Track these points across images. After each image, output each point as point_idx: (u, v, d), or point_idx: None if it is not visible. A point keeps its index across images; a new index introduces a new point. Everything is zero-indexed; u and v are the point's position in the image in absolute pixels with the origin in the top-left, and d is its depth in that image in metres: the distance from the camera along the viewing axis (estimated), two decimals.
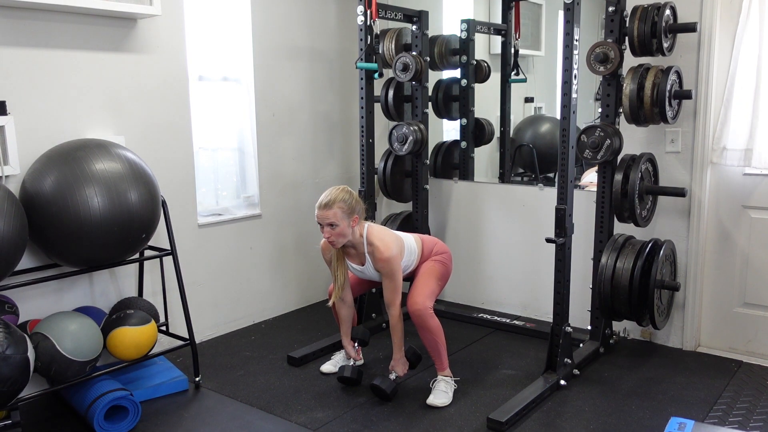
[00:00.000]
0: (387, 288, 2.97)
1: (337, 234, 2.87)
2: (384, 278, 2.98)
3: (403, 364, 3.04)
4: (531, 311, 4.03)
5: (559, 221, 3.01)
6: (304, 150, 4.21)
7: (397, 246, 2.98)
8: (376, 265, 2.97)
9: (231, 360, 3.44)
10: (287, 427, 2.76)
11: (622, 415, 2.81)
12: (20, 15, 2.80)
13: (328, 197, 2.87)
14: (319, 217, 2.88)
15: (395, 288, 2.95)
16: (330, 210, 2.85)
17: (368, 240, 2.96)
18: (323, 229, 2.89)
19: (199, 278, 3.65)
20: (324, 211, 2.86)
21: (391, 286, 2.95)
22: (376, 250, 2.93)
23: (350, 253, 3.05)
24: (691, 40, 3.25)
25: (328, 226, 2.86)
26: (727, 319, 3.46)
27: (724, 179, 3.37)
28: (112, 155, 2.73)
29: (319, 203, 2.88)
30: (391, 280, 2.95)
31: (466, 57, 4.21)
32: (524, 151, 4.48)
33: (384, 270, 2.95)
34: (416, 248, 3.11)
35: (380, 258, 2.92)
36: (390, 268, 2.93)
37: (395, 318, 2.97)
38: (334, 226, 2.85)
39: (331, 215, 2.84)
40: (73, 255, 2.69)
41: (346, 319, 3.24)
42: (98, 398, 2.64)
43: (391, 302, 2.96)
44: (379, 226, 3.11)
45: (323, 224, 2.87)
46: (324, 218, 2.86)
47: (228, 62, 3.83)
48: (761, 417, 2.76)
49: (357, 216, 2.91)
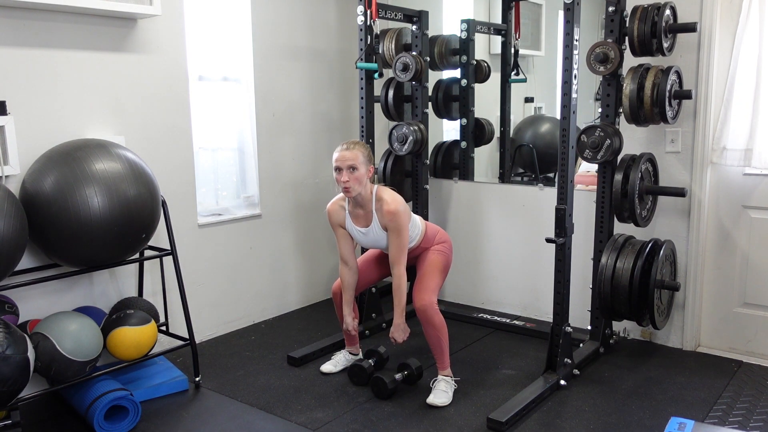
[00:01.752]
0: (393, 245, 2.94)
1: (355, 179, 2.85)
2: (390, 234, 2.94)
3: (403, 331, 2.97)
4: (531, 311, 4.03)
5: (559, 221, 3.01)
6: (304, 150, 4.21)
7: (404, 204, 2.96)
8: (383, 220, 2.93)
9: (231, 360, 3.44)
10: (287, 427, 2.76)
11: (622, 415, 2.81)
12: (20, 15, 2.80)
13: (349, 141, 2.91)
14: (341, 158, 2.85)
15: (401, 245, 2.93)
16: (353, 151, 2.85)
17: (378, 195, 2.95)
18: (342, 174, 2.86)
19: (199, 278, 3.65)
20: (347, 151, 2.85)
21: (397, 242, 2.93)
22: (384, 203, 2.91)
23: (357, 215, 3.02)
24: (691, 40, 3.25)
25: (348, 170, 2.85)
26: (727, 319, 3.46)
27: (724, 179, 3.37)
28: (112, 155, 2.73)
29: (341, 146, 2.89)
30: (398, 236, 2.92)
31: (466, 57, 4.21)
32: (524, 151, 4.48)
33: (391, 224, 2.91)
34: (420, 226, 3.09)
35: (388, 210, 2.90)
36: (397, 222, 2.90)
37: (399, 278, 2.94)
38: (354, 170, 2.84)
39: (354, 157, 2.84)
40: (73, 255, 2.69)
41: (350, 286, 3.12)
42: (98, 398, 2.64)
43: (396, 260, 2.94)
44: (388, 187, 3.09)
45: (343, 167, 2.85)
46: (346, 159, 2.84)
47: (228, 62, 3.83)
48: (761, 417, 2.76)
49: (372, 166, 2.93)
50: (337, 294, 3.19)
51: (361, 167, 2.86)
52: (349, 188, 2.87)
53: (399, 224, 2.91)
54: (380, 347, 3.25)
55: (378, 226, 2.97)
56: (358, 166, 2.85)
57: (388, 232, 2.96)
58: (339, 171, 2.87)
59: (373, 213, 2.96)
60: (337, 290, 3.19)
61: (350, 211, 3.03)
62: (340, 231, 3.09)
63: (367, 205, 2.97)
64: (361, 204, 2.97)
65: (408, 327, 3.00)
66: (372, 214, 2.97)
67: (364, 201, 2.96)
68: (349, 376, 3.15)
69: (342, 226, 3.08)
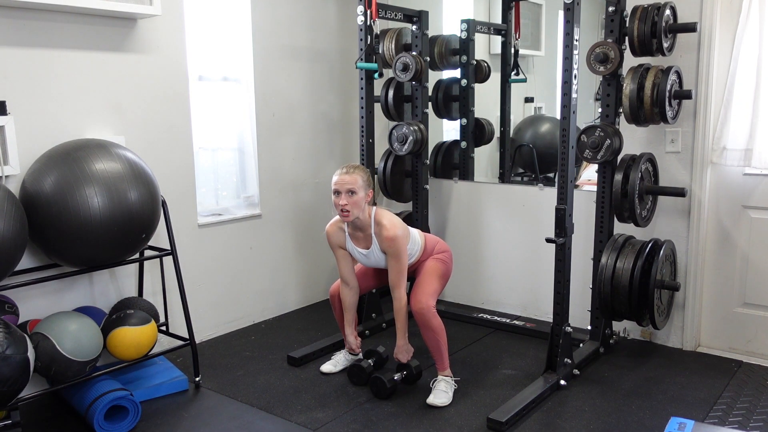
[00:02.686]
0: (392, 269, 2.96)
1: (354, 203, 2.86)
2: (390, 259, 2.96)
3: (406, 351, 3.03)
4: (531, 311, 4.03)
5: (559, 221, 3.01)
6: (304, 150, 4.21)
7: (403, 228, 2.98)
8: (382, 245, 2.96)
9: (231, 360, 3.44)
10: (287, 427, 2.76)
11: (622, 415, 2.81)
12: (20, 15, 2.80)
13: (349, 165, 2.93)
14: (340, 182, 2.87)
15: (400, 270, 2.95)
16: (352, 175, 2.87)
17: (376, 220, 2.96)
18: (340, 198, 2.87)
19: (199, 278, 3.65)
20: (346, 176, 2.87)
21: (397, 267, 2.95)
22: (383, 228, 2.92)
23: (357, 237, 3.04)
24: (691, 40, 3.25)
25: (346, 194, 2.86)
26: (727, 319, 3.46)
27: (724, 179, 3.37)
28: (112, 155, 2.73)
29: (340, 170, 2.90)
30: (397, 260, 2.94)
31: (466, 57, 4.21)
32: (524, 151, 4.48)
33: (390, 249, 2.94)
34: (420, 241, 3.11)
35: (387, 236, 2.91)
36: (396, 248, 2.92)
37: (399, 301, 2.96)
38: (353, 194, 2.86)
39: (353, 181, 2.86)
40: (73, 255, 2.69)
41: (351, 306, 3.18)
42: (98, 398, 2.64)
43: (396, 284, 2.96)
44: (386, 209, 3.10)
45: (342, 191, 2.86)
46: (345, 183, 2.86)
47: (228, 62, 3.83)
48: (761, 417, 2.76)
49: (371, 191, 2.95)
50: (335, 297, 3.22)
51: (360, 191, 2.87)
52: (348, 213, 2.89)
53: (398, 249, 2.93)
54: (380, 347, 3.26)
55: (378, 249, 3.00)
56: (357, 190, 2.86)
57: (387, 256, 2.98)
58: (338, 194, 2.88)
59: (373, 237, 2.98)
60: (335, 293, 3.21)
61: (350, 233, 3.05)
62: (340, 252, 3.11)
63: (366, 228, 2.99)
64: (360, 228, 2.99)
65: (411, 347, 3.05)
66: (371, 237, 2.99)
67: (363, 225, 2.97)
68: (349, 376, 3.15)
69: (342, 247, 3.10)
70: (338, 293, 3.19)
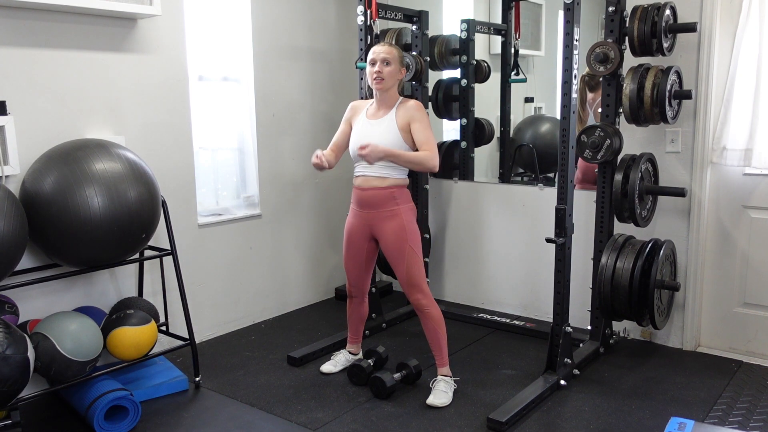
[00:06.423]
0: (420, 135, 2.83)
1: (388, 73, 2.85)
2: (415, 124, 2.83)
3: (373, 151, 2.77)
4: (531, 311, 4.03)
5: (559, 221, 3.01)
6: (304, 150, 4.20)
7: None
8: (405, 114, 2.86)
9: (231, 360, 3.44)
10: (287, 427, 2.76)
11: (622, 415, 2.81)
12: (20, 15, 2.80)
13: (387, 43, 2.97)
14: (376, 51, 2.87)
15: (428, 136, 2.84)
16: (389, 48, 2.88)
17: (403, 100, 2.93)
18: (374, 66, 2.85)
19: (199, 278, 3.65)
20: (383, 47, 2.88)
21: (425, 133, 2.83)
22: (410, 102, 2.90)
23: (377, 115, 2.94)
24: (691, 40, 3.25)
25: (381, 62, 2.85)
26: (727, 319, 3.46)
27: (724, 179, 3.37)
28: (112, 155, 2.73)
29: (379, 44, 2.93)
30: (424, 128, 2.83)
31: (466, 57, 4.21)
32: (524, 151, 4.48)
33: (416, 115, 2.84)
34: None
35: (414, 104, 2.88)
36: (422, 114, 2.85)
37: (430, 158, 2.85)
38: (388, 64, 2.85)
39: (389, 51, 2.86)
40: (73, 255, 2.69)
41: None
42: (98, 398, 2.64)
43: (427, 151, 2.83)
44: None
45: (377, 60, 2.85)
46: (380, 53, 2.85)
47: (228, 62, 3.83)
48: (761, 417, 2.76)
49: (404, 70, 2.94)
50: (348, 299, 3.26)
51: (395, 63, 2.87)
52: (379, 80, 2.85)
53: (424, 116, 2.87)
54: (379, 347, 3.26)
55: (393, 122, 2.88)
56: (392, 62, 2.86)
57: (414, 125, 2.85)
58: (373, 64, 2.87)
59: (394, 110, 2.90)
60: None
61: (369, 112, 2.97)
62: (345, 126, 3.06)
63: (391, 105, 2.93)
64: (385, 104, 2.93)
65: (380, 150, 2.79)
66: (392, 110, 2.90)
67: (389, 100, 2.92)
68: (348, 376, 3.15)
69: (351, 123, 3.03)
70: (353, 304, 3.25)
